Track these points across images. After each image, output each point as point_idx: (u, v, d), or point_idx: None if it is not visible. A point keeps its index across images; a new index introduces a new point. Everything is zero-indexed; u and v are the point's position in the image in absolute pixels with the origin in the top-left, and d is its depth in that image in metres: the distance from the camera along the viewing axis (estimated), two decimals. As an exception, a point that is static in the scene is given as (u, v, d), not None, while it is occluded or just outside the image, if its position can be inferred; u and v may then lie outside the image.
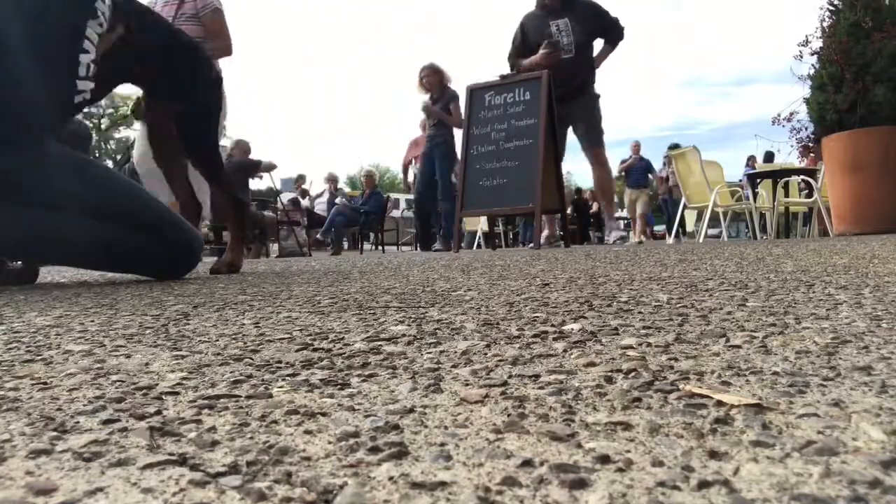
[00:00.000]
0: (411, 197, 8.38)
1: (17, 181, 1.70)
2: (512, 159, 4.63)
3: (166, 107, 2.25)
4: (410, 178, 7.84)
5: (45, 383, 0.59)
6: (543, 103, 4.56)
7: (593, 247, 4.35)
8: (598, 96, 5.05)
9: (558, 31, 4.91)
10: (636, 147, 11.59)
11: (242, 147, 8.14)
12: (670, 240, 6.56)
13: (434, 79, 6.52)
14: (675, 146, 9.27)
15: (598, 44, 5.06)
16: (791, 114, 5.15)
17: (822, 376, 0.53)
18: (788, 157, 6.41)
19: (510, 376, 0.56)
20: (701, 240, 5.93)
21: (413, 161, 7.65)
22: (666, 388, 0.50)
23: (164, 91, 2.21)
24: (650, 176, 11.46)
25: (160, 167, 2.47)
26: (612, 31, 5.05)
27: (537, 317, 0.93)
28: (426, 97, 6.59)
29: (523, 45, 5.03)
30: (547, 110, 4.57)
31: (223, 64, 3.91)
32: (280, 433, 0.42)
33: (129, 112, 2.52)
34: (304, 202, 11.66)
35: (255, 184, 9.20)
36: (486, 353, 0.67)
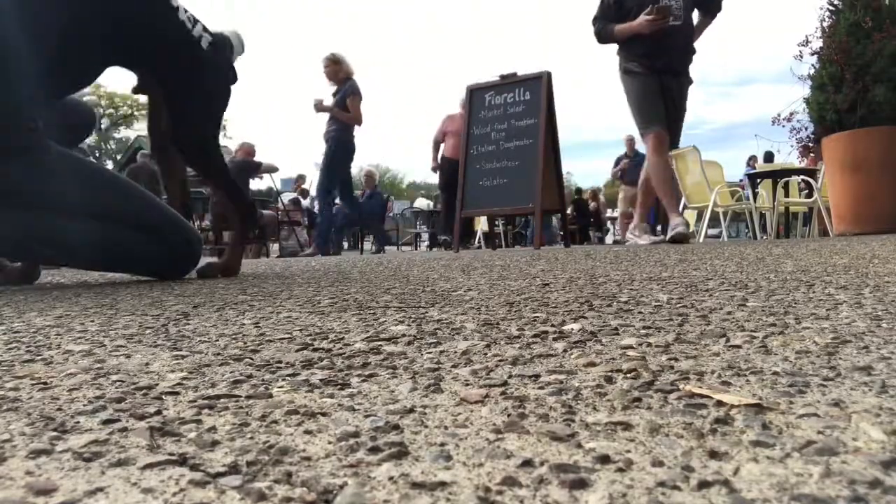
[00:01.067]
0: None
1: (17, 182, 1.70)
2: (512, 159, 4.64)
3: (158, 90, 2.07)
4: (439, 157, 7.45)
5: (45, 383, 0.59)
6: (543, 103, 4.56)
7: (593, 247, 4.35)
8: (691, 81, 4.37)
9: None
10: (630, 142, 10.50)
11: (246, 149, 8.22)
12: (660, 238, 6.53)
13: (332, 69, 6.19)
14: None
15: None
16: (791, 114, 5.15)
17: (822, 376, 0.53)
18: (788, 157, 6.42)
19: (510, 376, 0.56)
20: (701, 240, 5.94)
21: (445, 138, 7.25)
22: (666, 388, 0.50)
23: (160, 71, 2.00)
24: None
25: (160, 164, 2.35)
26: (713, 1, 4.30)
27: (537, 317, 0.93)
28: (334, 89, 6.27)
29: (618, 6, 4.20)
30: (547, 110, 4.57)
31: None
32: (280, 433, 0.42)
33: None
34: (305, 202, 11.66)
35: (256, 184, 9.23)
36: (486, 353, 0.67)
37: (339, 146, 6.31)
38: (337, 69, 6.23)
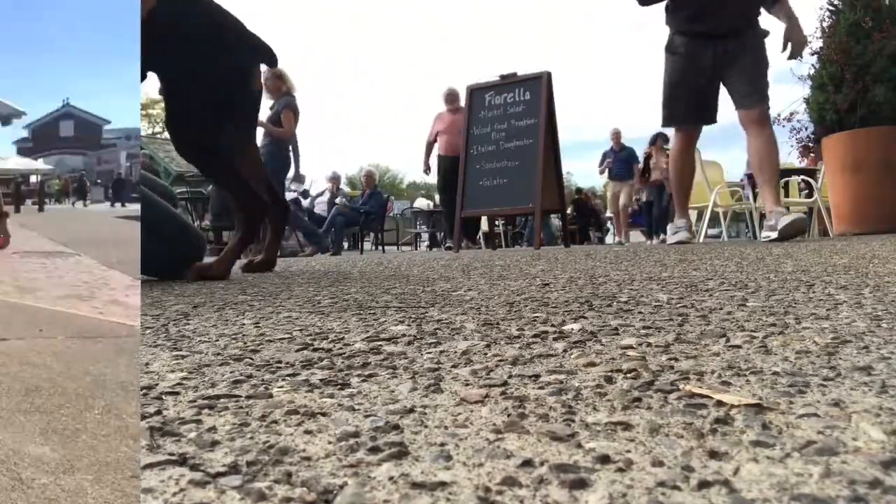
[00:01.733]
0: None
1: None
2: (512, 159, 4.64)
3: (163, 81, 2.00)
4: (434, 159, 7.34)
5: (45, 383, 0.58)
6: (543, 103, 4.57)
7: (593, 247, 4.35)
8: (766, 33, 3.56)
9: None
10: (617, 136, 10.03)
11: None
12: (653, 240, 6.54)
13: (274, 84, 6.20)
14: (661, 137, 8.67)
15: None
16: (791, 114, 5.16)
17: (822, 376, 0.53)
18: (788, 157, 6.41)
19: (510, 376, 0.56)
20: (701, 240, 5.94)
21: (437, 139, 7.16)
22: (666, 388, 0.50)
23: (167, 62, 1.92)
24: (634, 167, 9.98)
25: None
26: None
27: (537, 317, 0.93)
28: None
29: None
30: (547, 110, 4.57)
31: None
32: (280, 433, 0.42)
33: None
34: (305, 202, 11.64)
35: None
36: (486, 353, 0.67)
37: (273, 160, 6.41)
38: (279, 84, 6.31)
